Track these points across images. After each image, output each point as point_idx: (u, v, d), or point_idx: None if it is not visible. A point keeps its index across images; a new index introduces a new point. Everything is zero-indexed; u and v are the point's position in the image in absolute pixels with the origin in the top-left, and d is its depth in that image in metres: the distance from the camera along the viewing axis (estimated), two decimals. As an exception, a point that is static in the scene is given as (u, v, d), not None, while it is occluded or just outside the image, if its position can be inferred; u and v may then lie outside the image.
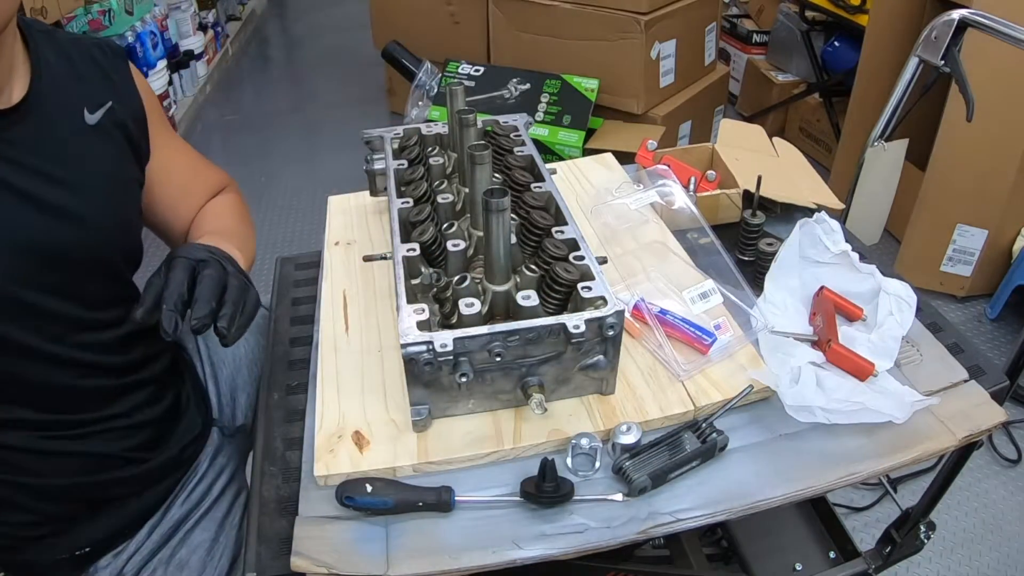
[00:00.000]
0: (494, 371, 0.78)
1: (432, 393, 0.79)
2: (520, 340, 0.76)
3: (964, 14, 1.28)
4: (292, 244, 2.62)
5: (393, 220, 0.88)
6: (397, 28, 2.74)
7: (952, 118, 2.07)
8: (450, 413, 0.82)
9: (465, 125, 0.93)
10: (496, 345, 0.75)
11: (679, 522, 0.75)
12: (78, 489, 0.87)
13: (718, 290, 0.96)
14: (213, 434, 1.03)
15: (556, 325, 0.76)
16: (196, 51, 3.51)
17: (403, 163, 1.01)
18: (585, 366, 0.81)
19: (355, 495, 0.74)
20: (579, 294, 0.80)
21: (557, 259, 0.84)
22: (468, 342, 0.74)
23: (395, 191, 0.94)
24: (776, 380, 0.84)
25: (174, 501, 0.94)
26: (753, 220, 1.11)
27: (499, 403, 0.82)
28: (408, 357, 0.74)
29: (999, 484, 1.76)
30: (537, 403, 0.77)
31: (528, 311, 0.78)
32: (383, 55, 2.39)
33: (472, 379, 0.76)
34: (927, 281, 2.25)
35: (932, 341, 0.96)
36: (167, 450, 0.95)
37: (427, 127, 1.11)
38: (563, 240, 0.86)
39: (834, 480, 0.79)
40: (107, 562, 0.89)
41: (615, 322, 0.77)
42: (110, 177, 0.87)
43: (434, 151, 1.05)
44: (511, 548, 0.72)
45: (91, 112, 0.85)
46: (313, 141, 3.30)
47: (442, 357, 0.74)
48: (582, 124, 2.29)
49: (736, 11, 3.37)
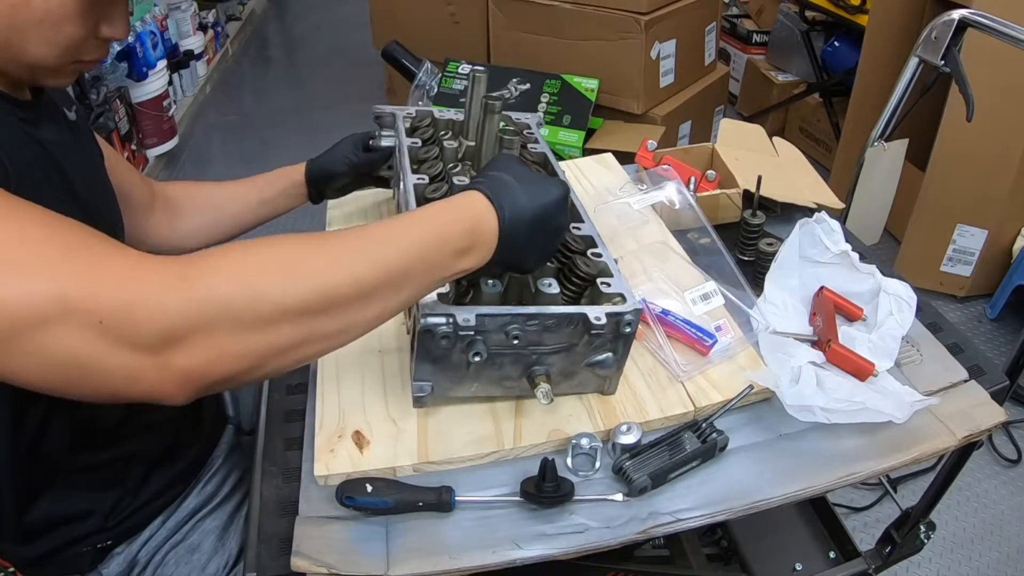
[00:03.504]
0: (506, 355, 0.77)
1: (439, 371, 0.78)
2: (538, 326, 0.75)
3: (964, 14, 1.28)
4: (292, 244, 2.61)
5: (408, 193, 0.87)
6: (397, 28, 2.74)
7: (952, 118, 2.07)
8: (453, 394, 0.81)
9: (490, 111, 0.92)
10: (515, 328, 0.74)
11: (679, 522, 0.75)
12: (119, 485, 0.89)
13: (720, 291, 0.96)
14: (228, 431, 1.04)
15: (577, 315, 0.76)
16: (196, 51, 3.51)
17: (417, 141, 1.01)
18: (593, 362, 0.81)
19: (355, 495, 0.74)
20: (598, 289, 0.80)
21: (575, 252, 0.84)
22: (488, 320, 0.73)
23: (409, 168, 0.94)
24: (776, 381, 0.84)
25: (190, 492, 0.95)
26: (753, 220, 1.11)
27: (502, 390, 0.82)
28: (426, 328, 0.72)
29: (999, 484, 1.76)
30: (544, 393, 0.77)
31: (548, 298, 0.78)
32: (383, 55, 2.39)
33: (483, 360, 0.75)
34: (927, 281, 2.25)
35: (932, 341, 0.96)
36: (189, 449, 0.96)
37: (439, 111, 1.10)
38: (580, 236, 0.86)
39: (834, 480, 0.79)
40: (121, 549, 0.90)
41: (632, 319, 0.77)
42: (102, 171, 0.90)
43: (447, 135, 1.05)
44: (511, 548, 0.72)
45: (68, 109, 0.86)
46: (313, 141, 3.27)
47: (462, 332, 0.73)
48: (582, 124, 2.29)
49: (736, 11, 3.37)
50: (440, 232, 0.67)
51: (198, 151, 3.21)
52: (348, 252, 0.64)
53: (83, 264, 0.55)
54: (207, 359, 0.57)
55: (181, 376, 0.57)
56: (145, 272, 0.57)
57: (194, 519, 0.94)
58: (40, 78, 0.74)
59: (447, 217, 0.69)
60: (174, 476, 0.93)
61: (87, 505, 0.87)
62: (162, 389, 0.57)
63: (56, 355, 0.54)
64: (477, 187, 0.72)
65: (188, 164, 3.09)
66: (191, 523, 0.94)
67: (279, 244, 0.62)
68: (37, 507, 0.84)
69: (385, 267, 0.64)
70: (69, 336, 0.54)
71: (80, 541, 0.87)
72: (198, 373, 0.57)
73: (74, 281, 0.54)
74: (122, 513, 0.89)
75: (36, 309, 0.53)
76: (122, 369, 0.55)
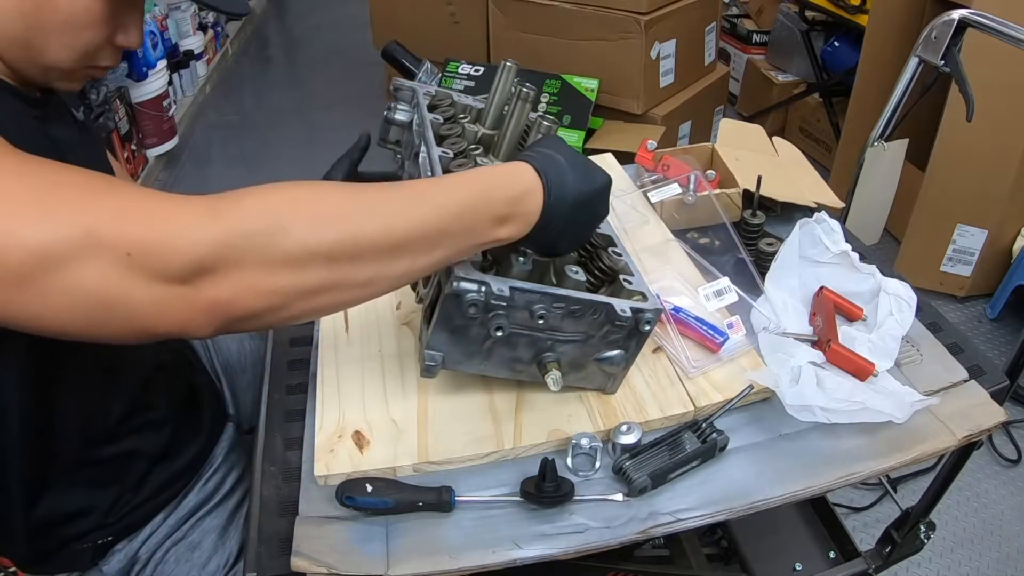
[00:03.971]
0: (523, 336, 0.77)
1: (453, 342, 0.76)
2: (564, 309, 0.75)
3: (964, 14, 1.28)
4: (292, 244, 2.61)
5: (435, 163, 0.86)
6: (397, 28, 2.74)
7: (952, 118, 2.07)
8: (462, 368, 0.80)
9: (524, 99, 0.91)
10: (541, 307, 0.74)
11: (679, 522, 0.75)
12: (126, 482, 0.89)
13: (733, 288, 0.96)
14: (228, 429, 1.04)
15: (603, 304, 0.76)
16: (196, 51, 3.50)
17: (439, 118, 1.00)
18: (602, 358, 0.81)
19: (355, 495, 0.74)
20: (619, 285, 0.81)
21: (598, 247, 0.85)
22: (519, 296, 0.73)
23: (433, 140, 0.93)
24: (776, 381, 0.84)
25: (190, 490, 0.95)
26: (753, 220, 1.11)
27: (511, 372, 0.82)
28: (456, 292, 0.71)
29: (999, 484, 1.76)
30: (554, 380, 0.77)
31: (574, 284, 0.78)
32: (383, 55, 2.39)
33: (503, 336, 0.75)
34: (927, 281, 2.25)
35: (932, 341, 0.96)
36: (189, 446, 0.96)
37: (458, 95, 1.10)
38: (600, 234, 0.87)
39: (834, 480, 0.79)
40: (122, 546, 0.90)
41: (652, 318, 0.78)
42: (110, 170, 0.91)
43: (466, 118, 1.05)
44: (511, 548, 0.72)
45: (76, 110, 0.87)
46: (313, 141, 3.30)
47: (494, 301, 0.72)
48: (582, 124, 2.29)
49: (736, 11, 3.37)
50: (485, 195, 0.67)
51: (198, 151, 3.21)
52: (385, 202, 0.63)
53: (112, 201, 0.56)
54: (234, 291, 0.58)
55: (208, 307, 0.58)
56: (175, 205, 0.57)
57: (195, 517, 0.94)
58: (52, 80, 0.75)
59: (494, 183, 0.68)
60: (174, 473, 0.93)
61: (87, 501, 0.87)
62: (190, 322, 0.58)
63: (83, 291, 0.54)
64: (528, 159, 0.71)
65: (188, 164, 3.09)
66: (192, 521, 0.94)
67: (316, 188, 0.62)
68: (40, 504, 0.84)
69: (421, 222, 0.64)
70: (97, 270, 0.54)
71: (81, 538, 0.87)
72: (224, 305, 0.58)
73: (101, 217, 0.55)
74: (122, 510, 0.89)
75: (63, 245, 0.53)
76: (149, 302, 0.56)
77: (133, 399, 0.89)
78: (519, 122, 0.92)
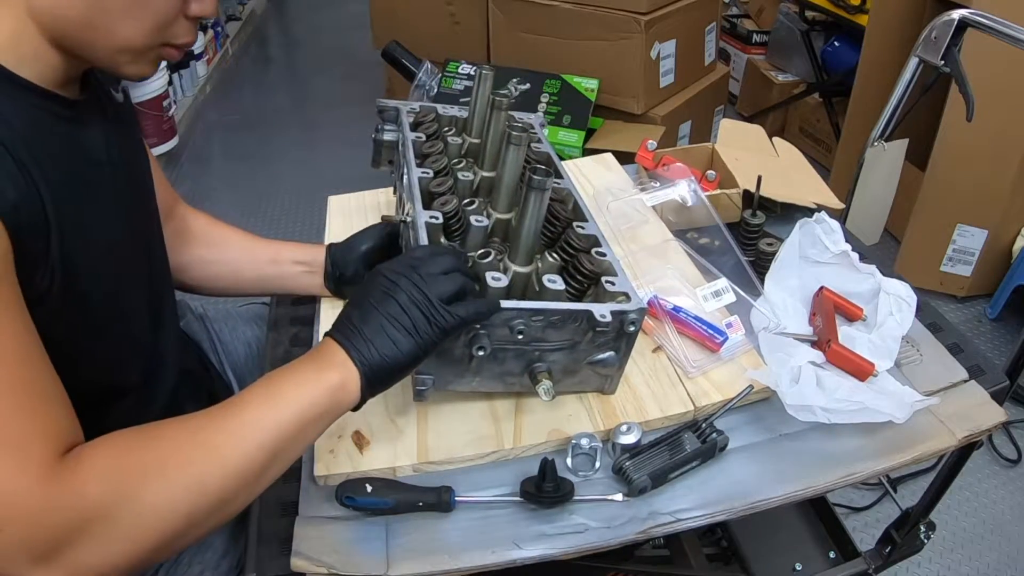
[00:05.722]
0: (508, 350, 0.77)
1: (440, 364, 0.77)
2: (543, 322, 0.75)
3: (964, 14, 1.28)
4: (292, 244, 2.61)
5: (413, 186, 0.87)
6: (397, 28, 2.73)
7: (952, 118, 2.07)
8: (454, 387, 0.81)
9: (498, 108, 0.92)
10: (520, 323, 0.74)
11: (679, 522, 0.75)
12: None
13: (732, 288, 0.96)
14: None
15: (582, 312, 0.76)
16: (196, 51, 3.50)
17: (421, 136, 1.01)
18: (595, 361, 0.81)
19: (355, 495, 0.74)
20: (603, 287, 0.81)
21: (579, 250, 0.84)
22: (495, 314, 0.73)
23: (413, 161, 0.94)
24: (776, 380, 0.84)
25: None
26: (753, 220, 1.11)
27: (503, 385, 0.82)
28: None
29: (999, 484, 1.76)
30: (545, 390, 0.77)
31: (553, 294, 0.78)
32: (383, 55, 2.39)
33: (486, 355, 0.75)
34: (927, 281, 2.25)
35: (932, 341, 0.96)
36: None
37: (443, 108, 1.10)
38: (584, 235, 0.87)
39: (834, 480, 0.79)
40: None
41: (637, 318, 0.78)
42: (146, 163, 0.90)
43: (451, 131, 1.05)
44: (511, 548, 0.72)
45: (115, 91, 0.83)
46: (313, 141, 3.30)
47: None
48: (582, 124, 2.29)
49: (736, 11, 3.37)
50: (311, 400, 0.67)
51: (198, 151, 3.20)
52: (227, 443, 0.64)
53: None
54: (103, 561, 0.58)
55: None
56: (18, 488, 0.56)
57: None
58: (122, 65, 0.69)
59: (308, 387, 0.67)
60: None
61: None
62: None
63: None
64: (335, 337, 0.70)
65: (188, 164, 3.08)
66: None
67: (156, 441, 0.63)
68: None
69: (271, 447, 0.64)
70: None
71: None
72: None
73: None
74: None
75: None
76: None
77: (165, 407, 0.89)
78: (498, 130, 0.93)
